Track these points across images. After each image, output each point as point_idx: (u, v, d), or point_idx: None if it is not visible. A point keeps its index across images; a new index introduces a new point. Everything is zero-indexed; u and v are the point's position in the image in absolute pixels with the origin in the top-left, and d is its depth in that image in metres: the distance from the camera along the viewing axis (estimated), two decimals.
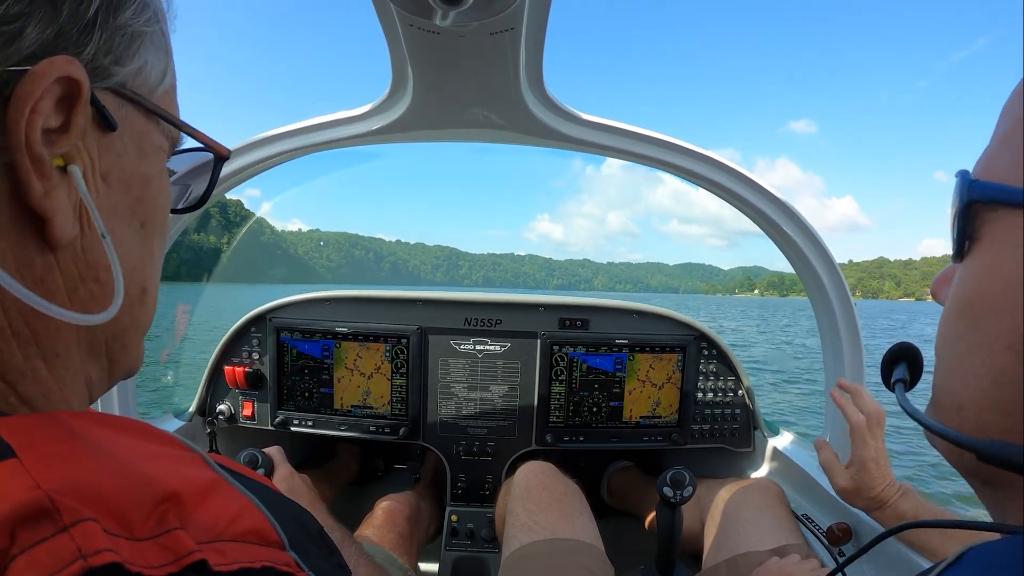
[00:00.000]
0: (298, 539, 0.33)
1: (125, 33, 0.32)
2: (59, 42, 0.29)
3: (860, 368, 1.20)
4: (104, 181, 0.33)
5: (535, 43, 0.81)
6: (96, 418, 0.31)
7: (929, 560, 0.90)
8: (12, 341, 0.30)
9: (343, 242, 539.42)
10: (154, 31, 0.35)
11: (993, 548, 0.27)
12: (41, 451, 0.25)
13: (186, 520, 0.27)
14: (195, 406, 1.46)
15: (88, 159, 0.32)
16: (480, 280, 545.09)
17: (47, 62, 0.28)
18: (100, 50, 0.31)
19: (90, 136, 0.32)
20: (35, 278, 0.30)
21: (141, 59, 0.34)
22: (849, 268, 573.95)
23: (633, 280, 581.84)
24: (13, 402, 0.30)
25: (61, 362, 0.33)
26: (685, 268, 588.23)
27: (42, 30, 0.28)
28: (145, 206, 0.37)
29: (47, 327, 0.31)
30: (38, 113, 0.28)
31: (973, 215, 0.31)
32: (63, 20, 0.29)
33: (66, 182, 0.30)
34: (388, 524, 1.24)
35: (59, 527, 0.22)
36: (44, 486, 0.23)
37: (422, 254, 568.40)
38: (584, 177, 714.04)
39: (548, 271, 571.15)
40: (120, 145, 0.34)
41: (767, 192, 1.18)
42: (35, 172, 0.29)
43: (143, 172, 0.36)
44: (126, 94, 0.34)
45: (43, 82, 0.28)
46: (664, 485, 1.08)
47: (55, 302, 0.31)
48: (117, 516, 0.24)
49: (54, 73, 0.28)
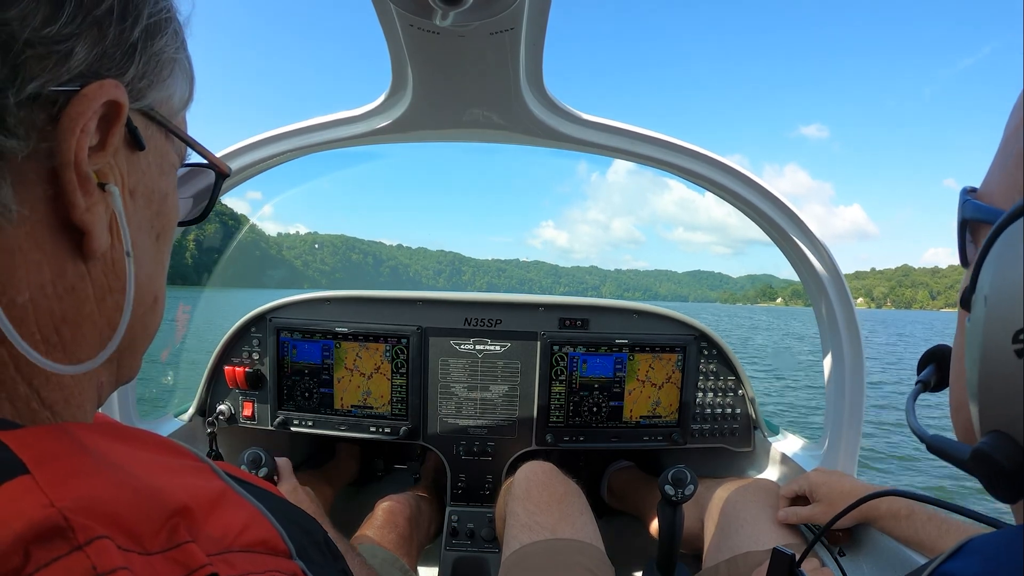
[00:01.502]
0: (304, 547, 0.33)
1: (160, 59, 0.34)
2: (104, 64, 0.30)
3: (860, 372, 1.20)
4: (131, 197, 0.35)
5: (535, 43, 0.81)
6: (104, 430, 0.31)
7: (926, 556, 0.90)
8: (41, 347, 0.30)
9: (340, 245, 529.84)
10: (182, 58, 0.37)
11: (992, 538, 0.28)
12: (53, 467, 0.25)
13: (196, 532, 0.27)
14: (195, 406, 1.46)
15: (119, 175, 0.33)
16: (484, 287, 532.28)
17: (97, 85, 0.29)
18: (138, 74, 0.33)
19: (121, 154, 0.33)
20: (67, 286, 0.31)
21: (172, 85, 0.36)
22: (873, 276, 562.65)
23: (642, 288, 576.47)
24: (35, 407, 0.31)
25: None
26: (694, 276, 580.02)
27: (89, 51, 0.29)
28: (161, 220, 0.38)
29: (74, 334, 0.32)
30: (86, 133, 0.29)
31: (973, 229, 0.34)
32: (108, 43, 0.30)
33: (103, 198, 0.32)
34: (388, 525, 1.24)
35: (73, 545, 0.22)
36: (58, 504, 0.23)
37: (424, 259, 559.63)
38: (589, 183, 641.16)
39: (555, 278, 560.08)
40: (145, 163, 0.35)
41: (768, 192, 1.18)
42: (80, 189, 0.30)
43: (162, 188, 0.38)
44: (154, 116, 0.35)
45: (93, 104, 0.29)
46: (666, 483, 1.08)
47: (84, 311, 0.32)
48: (129, 531, 0.24)
49: (103, 96, 0.29)
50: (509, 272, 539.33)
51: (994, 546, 0.28)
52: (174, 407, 1.51)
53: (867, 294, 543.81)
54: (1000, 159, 0.33)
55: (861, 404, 1.20)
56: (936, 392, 0.46)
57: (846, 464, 1.21)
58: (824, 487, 1.04)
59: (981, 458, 0.27)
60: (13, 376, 0.29)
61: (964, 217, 0.34)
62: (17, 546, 0.21)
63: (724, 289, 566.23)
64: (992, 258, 0.28)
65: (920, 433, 0.36)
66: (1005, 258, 0.27)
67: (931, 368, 0.46)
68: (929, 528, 0.89)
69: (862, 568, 1.02)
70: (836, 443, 1.23)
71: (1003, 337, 0.26)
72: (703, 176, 1.18)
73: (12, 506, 0.22)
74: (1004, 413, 0.27)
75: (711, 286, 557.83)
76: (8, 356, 0.29)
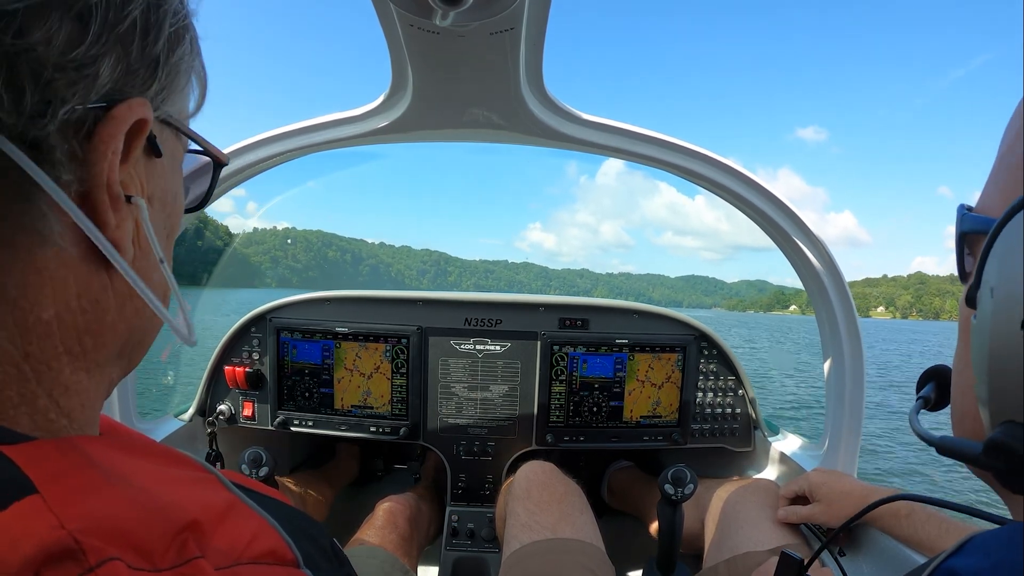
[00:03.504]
0: (311, 555, 0.34)
1: (179, 70, 0.34)
2: (129, 79, 0.30)
3: (860, 373, 1.20)
4: (150, 203, 0.35)
5: (535, 43, 0.81)
6: (112, 443, 0.31)
7: (926, 556, 0.90)
8: (64, 358, 0.30)
9: (315, 241, 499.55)
10: (198, 64, 0.37)
11: (994, 535, 0.28)
12: (62, 485, 0.25)
13: (205, 547, 0.27)
14: (195, 406, 1.46)
15: (139, 184, 0.33)
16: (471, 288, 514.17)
17: (127, 107, 0.29)
18: (160, 87, 0.33)
19: (140, 162, 0.33)
20: (91, 299, 0.31)
21: (189, 93, 0.37)
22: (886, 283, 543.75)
23: (635, 292, 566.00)
24: (53, 417, 0.30)
25: (99, 370, 0.34)
26: (687, 281, 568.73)
27: (114, 68, 0.29)
28: (173, 219, 0.39)
29: (96, 342, 0.32)
30: (116, 154, 0.29)
31: (971, 242, 0.35)
32: (132, 59, 0.30)
33: (130, 211, 0.32)
34: (389, 525, 1.24)
35: (85, 568, 0.22)
36: (68, 525, 0.23)
37: (407, 258, 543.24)
38: (578, 185, 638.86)
39: (545, 280, 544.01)
40: (161, 168, 0.36)
41: (770, 194, 1.18)
42: (112, 208, 0.30)
43: (174, 188, 0.38)
44: (171, 123, 0.35)
45: (123, 127, 0.29)
46: (666, 482, 1.08)
47: (106, 320, 0.32)
48: (139, 549, 0.24)
49: (133, 117, 0.30)
50: (497, 273, 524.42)
51: (996, 542, 0.28)
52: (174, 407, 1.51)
53: (889, 303, 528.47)
54: (995, 176, 0.34)
55: (861, 405, 1.20)
56: (935, 411, 0.46)
57: (846, 464, 1.21)
58: (824, 487, 1.04)
59: (996, 448, 0.27)
60: (35, 390, 0.29)
61: (963, 230, 0.34)
62: (28, 569, 0.21)
63: (719, 294, 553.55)
64: (996, 251, 0.28)
65: (927, 437, 0.36)
66: (1009, 248, 0.27)
67: (931, 386, 0.46)
68: (929, 527, 0.89)
69: (862, 568, 1.02)
70: (836, 443, 1.23)
71: (1012, 324, 0.26)
72: (704, 176, 1.18)
73: (22, 528, 0.22)
74: (1016, 402, 0.27)
75: (705, 291, 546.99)
76: (31, 371, 0.29)
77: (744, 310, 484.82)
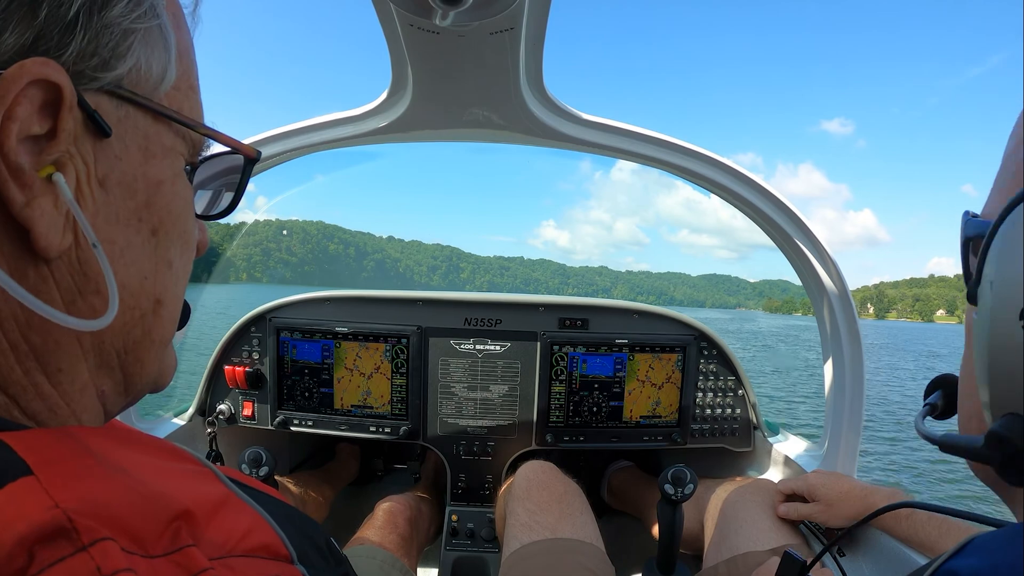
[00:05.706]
0: (306, 551, 0.33)
1: (114, 31, 0.30)
2: (39, 45, 0.28)
3: (860, 375, 1.20)
4: (102, 187, 0.31)
5: (535, 43, 0.81)
6: (110, 434, 0.31)
7: (926, 556, 0.90)
8: (10, 355, 0.29)
9: (315, 233, 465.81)
10: (150, 27, 0.32)
11: (994, 536, 0.29)
12: (57, 469, 0.25)
13: (199, 537, 0.27)
14: (195, 406, 1.46)
15: (82, 164, 0.30)
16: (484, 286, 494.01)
17: (17, 66, 0.26)
18: (85, 51, 0.29)
19: (84, 141, 0.30)
20: (29, 289, 0.29)
21: (134, 57, 0.32)
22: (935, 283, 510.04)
23: (656, 291, 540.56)
24: (17, 415, 0.30)
25: (65, 377, 0.32)
26: (709, 280, 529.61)
27: (21, 34, 0.27)
28: (155, 212, 0.34)
29: (45, 341, 0.30)
30: (13, 120, 0.27)
31: (975, 247, 0.35)
32: (42, 22, 0.27)
33: (53, 190, 0.29)
34: (389, 526, 1.24)
35: (78, 546, 0.22)
36: (62, 505, 0.23)
37: (417, 253, 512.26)
38: (592, 182, 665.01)
39: (563, 278, 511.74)
40: (120, 148, 0.32)
41: (772, 196, 1.18)
42: (14, 182, 0.27)
43: (150, 176, 0.34)
44: (123, 94, 0.32)
45: (14, 87, 0.26)
46: (665, 482, 1.08)
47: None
48: (132, 534, 0.24)
49: (25, 77, 0.27)
50: (513, 270, 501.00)
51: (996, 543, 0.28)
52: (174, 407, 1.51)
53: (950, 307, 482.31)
54: (998, 182, 0.34)
55: (861, 406, 1.21)
56: (942, 419, 0.46)
57: (846, 465, 1.21)
58: (823, 488, 1.05)
59: (996, 440, 0.28)
60: None
61: (967, 235, 0.35)
62: (22, 547, 0.21)
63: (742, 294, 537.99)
64: (995, 246, 0.29)
65: (930, 436, 0.37)
66: (1008, 242, 0.28)
67: (938, 393, 0.47)
68: (929, 528, 0.89)
69: (862, 568, 1.02)
70: (836, 444, 1.23)
71: (1011, 317, 0.27)
72: (704, 177, 1.18)
73: (16, 507, 0.22)
74: (1016, 394, 0.27)
75: (728, 291, 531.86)
76: None
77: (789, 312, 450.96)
